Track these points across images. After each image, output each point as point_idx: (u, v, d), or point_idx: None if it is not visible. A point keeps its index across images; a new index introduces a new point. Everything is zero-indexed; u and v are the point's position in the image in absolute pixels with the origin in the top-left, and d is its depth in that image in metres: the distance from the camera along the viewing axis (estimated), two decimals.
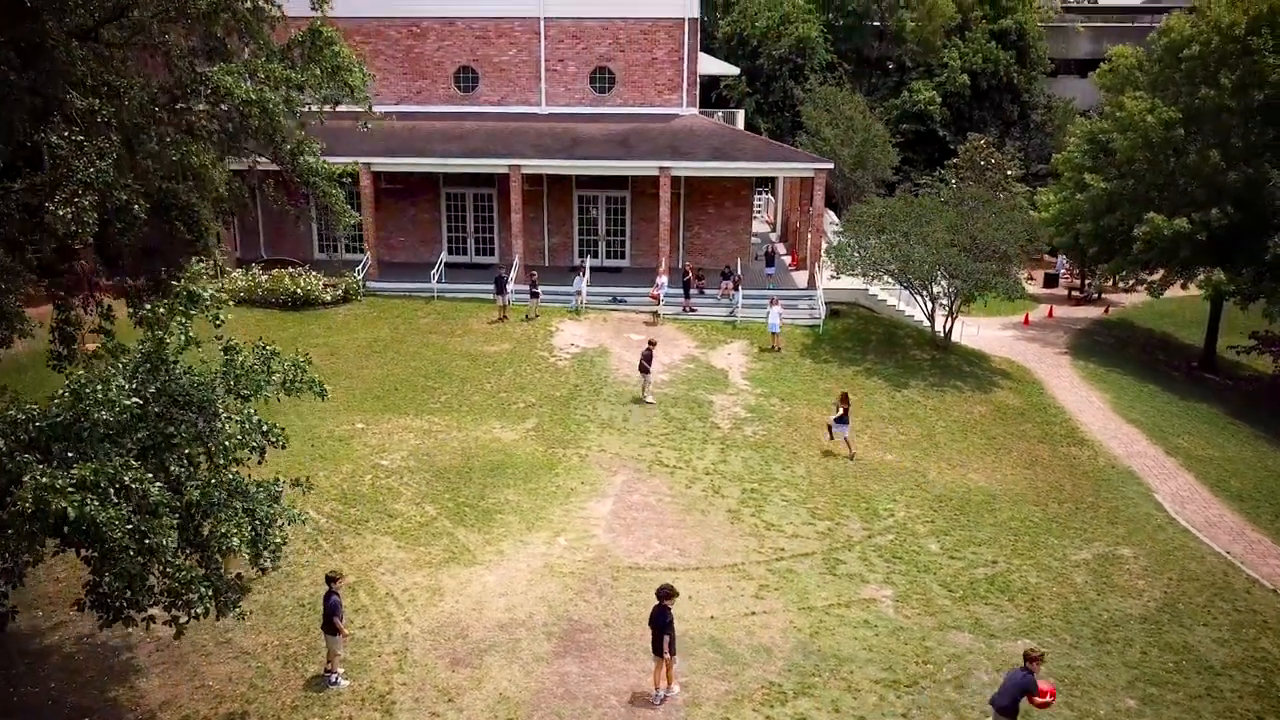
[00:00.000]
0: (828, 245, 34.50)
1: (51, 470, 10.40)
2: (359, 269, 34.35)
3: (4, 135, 13.98)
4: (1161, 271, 35.04)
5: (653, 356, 26.35)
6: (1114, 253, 35.57)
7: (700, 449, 23.40)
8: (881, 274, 32.06)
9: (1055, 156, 40.92)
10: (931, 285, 31.30)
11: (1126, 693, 15.22)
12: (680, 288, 33.75)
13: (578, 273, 34.37)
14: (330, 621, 14.16)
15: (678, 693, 14.34)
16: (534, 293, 32.45)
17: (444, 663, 14.90)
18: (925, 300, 32.12)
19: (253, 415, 12.36)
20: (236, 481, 12.05)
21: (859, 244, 31.95)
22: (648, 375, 26.12)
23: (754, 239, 41.84)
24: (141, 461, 11.20)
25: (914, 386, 28.80)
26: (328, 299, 32.65)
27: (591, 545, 18.63)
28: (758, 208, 49.99)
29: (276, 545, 12.21)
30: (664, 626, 13.87)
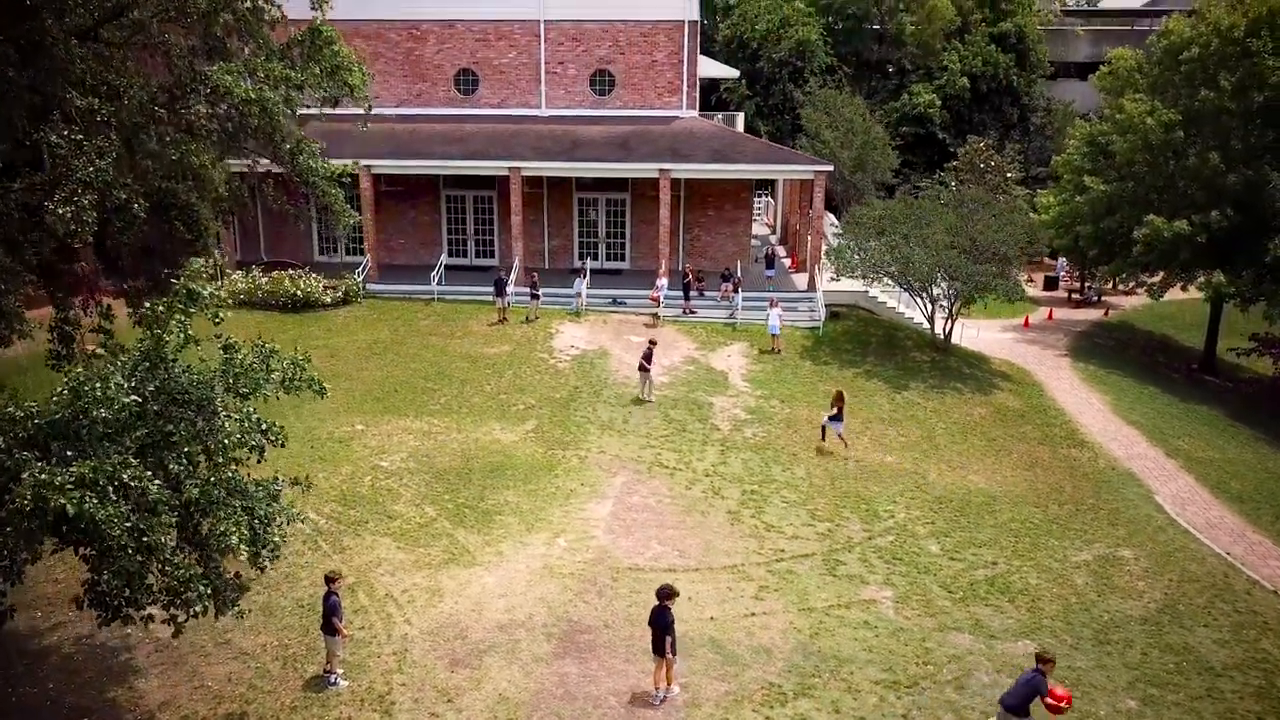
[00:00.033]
0: (827, 247, 34.52)
1: (50, 467, 10.36)
2: (359, 271, 34.37)
3: (3, 133, 13.97)
4: (1161, 274, 35.03)
5: (653, 356, 26.36)
6: (1114, 255, 35.56)
7: (700, 450, 23.37)
8: (881, 276, 32.04)
9: (1055, 159, 40.91)
10: (931, 287, 31.29)
11: (1127, 694, 15.19)
12: (680, 290, 33.76)
13: (578, 275, 34.38)
14: (329, 622, 14.13)
15: (678, 693, 14.31)
16: (534, 294, 32.49)
17: (443, 663, 14.87)
18: (925, 302, 32.11)
19: (252, 414, 12.32)
20: (235, 480, 11.99)
21: (859, 246, 31.94)
22: (648, 374, 26.12)
23: (754, 241, 41.86)
24: (140, 459, 11.16)
25: (914, 388, 28.78)
26: (327, 301, 32.65)
27: (591, 546, 18.60)
28: (757, 210, 50.04)
29: (275, 544, 12.17)
30: (665, 627, 13.84)
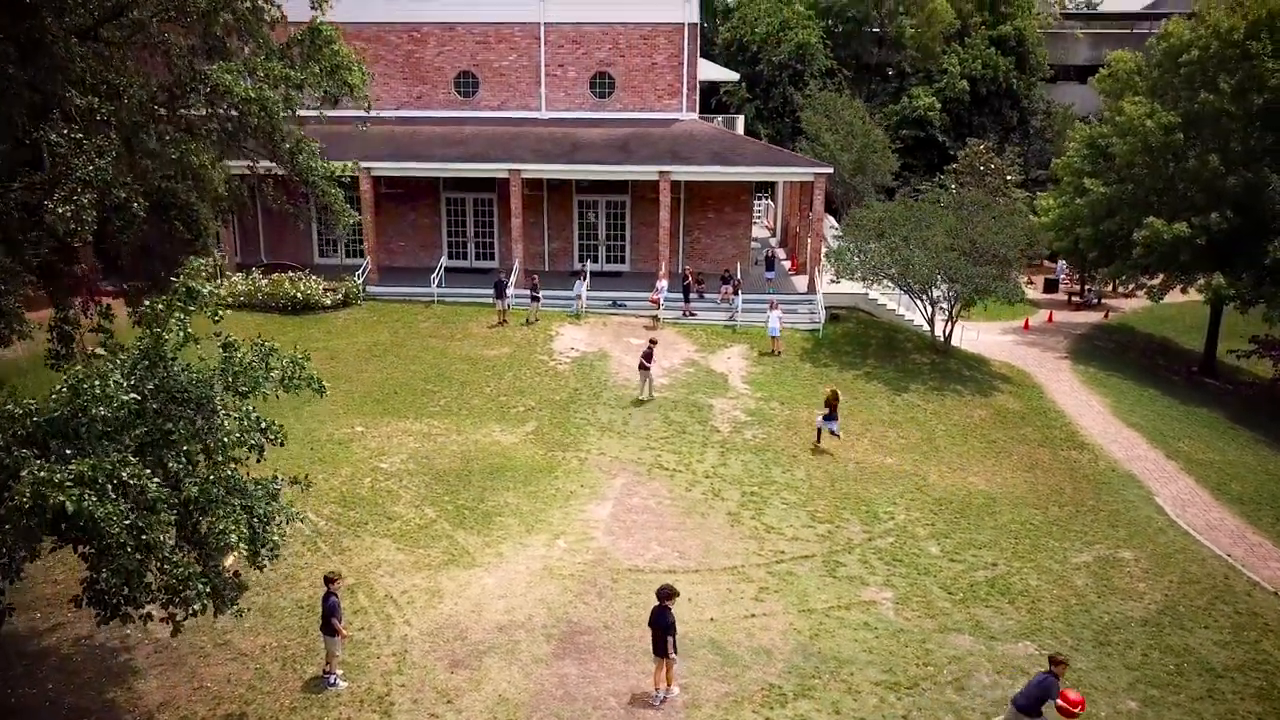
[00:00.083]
0: (827, 250, 34.50)
1: (49, 465, 10.34)
2: (359, 273, 34.36)
3: (3, 132, 13.97)
4: (1161, 276, 35.06)
5: (653, 355, 26.36)
6: (1114, 257, 35.58)
7: (700, 452, 23.35)
8: (881, 278, 32.03)
9: (1055, 161, 40.96)
10: (931, 289, 31.29)
11: (1128, 695, 15.16)
12: (680, 292, 33.75)
13: (578, 277, 34.37)
14: (329, 623, 14.10)
15: (678, 694, 14.28)
16: (534, 297, 32.49)
17: (443, 664, 14.84)
18: (925, 304, 32.11)
19: (251, 412, 12.30)
20: (235, 479, 11.96)
21: (859, 248, 31.94)
22: (648, 372, 26.11)
23: (754, 244, 41.84)
24: (139, 458, 11.14)
25: (914, 390, 28.76)
26: (327, 303, 32.63)
27: (591, 548, 18.56)
28: (757, 213, 50.05)
29: (274, 543, 12.14)
30: (666, 627, 13.82)
